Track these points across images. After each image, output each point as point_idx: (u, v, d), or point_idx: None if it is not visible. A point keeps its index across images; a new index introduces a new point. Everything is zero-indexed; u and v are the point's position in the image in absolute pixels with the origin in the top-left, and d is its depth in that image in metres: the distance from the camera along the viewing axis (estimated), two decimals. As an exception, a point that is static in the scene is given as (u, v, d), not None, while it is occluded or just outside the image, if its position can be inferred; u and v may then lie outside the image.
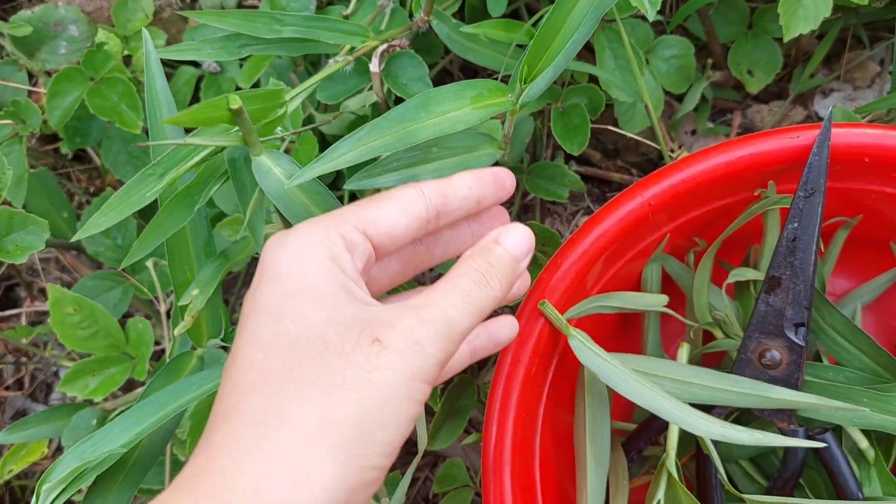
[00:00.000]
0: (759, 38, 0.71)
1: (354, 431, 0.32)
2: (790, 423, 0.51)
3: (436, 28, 0.58)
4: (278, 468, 0.32)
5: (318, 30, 0.57)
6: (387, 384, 0.34)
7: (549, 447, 0.56)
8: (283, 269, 0.36)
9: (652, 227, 0.54)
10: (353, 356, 0.34)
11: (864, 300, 0.60)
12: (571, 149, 0.60)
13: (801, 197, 0.49)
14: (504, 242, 0.42)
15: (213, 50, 0.56)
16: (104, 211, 0.47)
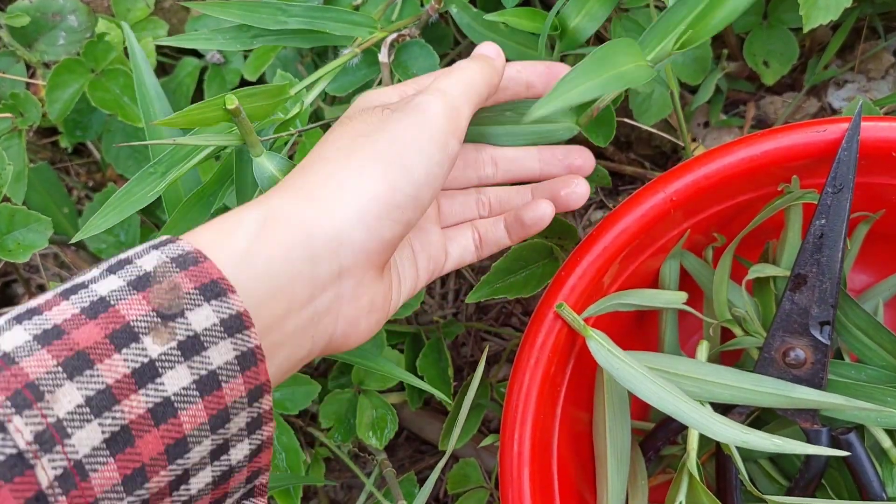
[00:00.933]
0: (774, 28, 0.70)
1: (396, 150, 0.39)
2: (813, 423, 0.50)
3: (456, 17, 0.56)
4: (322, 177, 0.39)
5: (324, 20, 0.56)
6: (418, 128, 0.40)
7: (566, 447, 0.55)
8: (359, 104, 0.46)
9: (673, 223, 0.52)
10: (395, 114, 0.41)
11: (885, 296, 0.59)
12: (598, 141, 0.59)
13: (829, 193, 0.48)
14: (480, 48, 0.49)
15: (225, 40, 0.55)
16: (104, 211, 0.47)
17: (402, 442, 0.76)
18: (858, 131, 0.47)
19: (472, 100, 0.44)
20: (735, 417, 0.52)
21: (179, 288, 0.31)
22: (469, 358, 0.75)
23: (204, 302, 0.31)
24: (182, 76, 0.73)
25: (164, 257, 0.32)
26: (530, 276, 0.61)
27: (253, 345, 0.32)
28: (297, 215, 0.37)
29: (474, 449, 0.71)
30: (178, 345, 0.30)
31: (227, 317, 0.32)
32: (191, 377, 0.30)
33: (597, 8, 0.57)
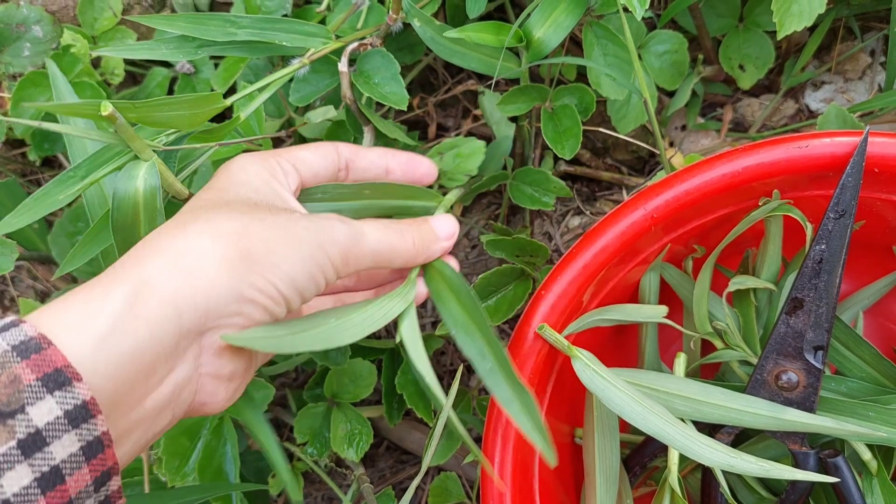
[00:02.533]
0: (750, 31, 0.70)
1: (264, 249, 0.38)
2: (802, 445, 0.50)
3: (418, 31, 0.55)
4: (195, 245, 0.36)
5: (275, 32, 0.55)
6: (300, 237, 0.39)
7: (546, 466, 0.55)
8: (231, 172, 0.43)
9: (653, 238, 0.52)
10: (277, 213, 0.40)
11: (864, 304, 0.59)
12: (563, 153, 0.58)
13: (830, 218, 0.48)
14: (433, 220, 0.49)
15: (168, 50, 0.54)
16: (19, 211, 0.46)
17: (383, 452, 0.75)
18: (863, 157, 0.47)
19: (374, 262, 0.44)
20: (723, 437, 0.52)
21: (20, 381, 0.30)
22: (449, 367, 0.74)
23: (47, 394, 0.30)
24: (151, 87, 0.71)
25: (5, 345, 0.30)
26: (501, 301, 0.61)
27: (99, 432, 0.31)
28: (168, 289, 0.35)
29: (457, 461, 0.70)
30: (18, 443, 0.29)
31: (72, 407, 0.30)
32: (31, 476, 0.29)
33: (563, 17, 0.56)
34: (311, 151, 0.47)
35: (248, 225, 0.38)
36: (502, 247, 0.60)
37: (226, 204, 0.40)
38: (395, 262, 0.45)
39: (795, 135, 0.49)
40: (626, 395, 0.48)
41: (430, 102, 0.71)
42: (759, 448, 0.56)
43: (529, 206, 0.61)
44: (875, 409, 0.50)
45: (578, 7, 0.56)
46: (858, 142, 0.47)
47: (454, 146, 0.59)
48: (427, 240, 0.47)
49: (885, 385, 0.54)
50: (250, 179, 0.43)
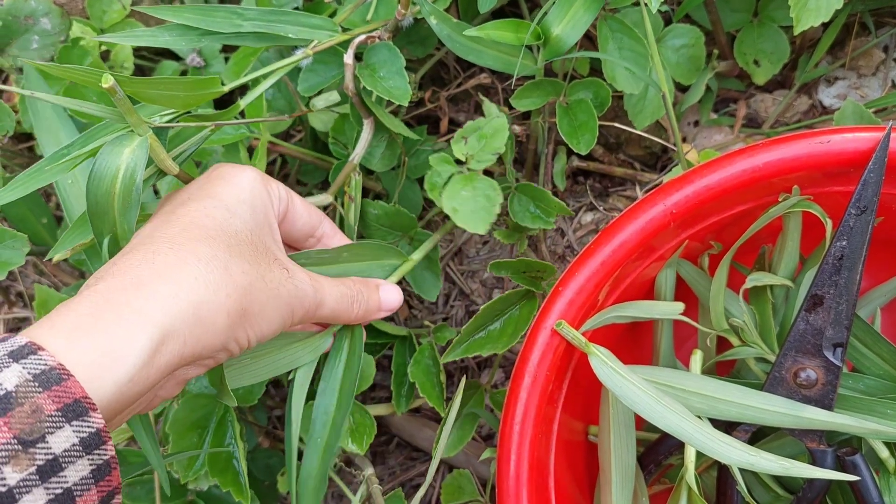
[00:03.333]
0: (765, 26, 0.69)
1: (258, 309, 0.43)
2: (819, 443, 0.50)
3: (435, 29, 0.54)
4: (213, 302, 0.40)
5: (281, 24, 0.55)
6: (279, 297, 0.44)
7: (562, 459, 0.55)
8: (241, 182, 0.46)
9: (671, 234, 0.52)
10: (272, 267, 0.45)
11: (881, 301, 0.59)
12: (578, 147, 0.58)
13: (852, 214, 0.47)
14: (381, 291, 0.55)
15: (171, 38, 0.54)
16: (12, 185, 0.47)
17: (393, 449, 0.75)
18: (886, 153, 0.46)
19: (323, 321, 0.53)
20: (739, 434, 0.51)
21: (41, 411, 0.32)
22: (460, 363, 0.74)
23: (65, 423, 0.32)
24: (161, 80, 0.70)
25: (27, 374, 0.32)
26: (508, 322, 0.60)
27: (108, 457, 0.34)
28: (186, 343, 0.38)
29: (468, 458, 0.70)
30: (37, 469, 0.31)
31: (87, 435, 0.33)
32: (46, 498, 0.31)
33: (581, 13, 0.56)
34: (303, 202, 0.52)
35: (254, 283, 0.42)
36: (507, 267, 0.59)
37: (237, 243, 0.43)
38: (340, 322, 0.53)
39: (816, 130, 0.48)
40: (643, 392, 0.47)
41: (441, 96, 0.71)
42: (776, 446, 0.55)
43: (530, 225, 0.61)
44: (893, 407, 0.50)
45: (596, 3, 0.55)
46: (880, 137, 0.47)
47: (476, 128, 0.58)
48: (371, 311, 0.54)
49: (904, 383, 0.54)
50: (254, 197, 0.47)
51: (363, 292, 0.53)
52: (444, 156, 0.57)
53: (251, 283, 0.42)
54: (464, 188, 0.55)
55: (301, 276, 0.46)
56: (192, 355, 0.39)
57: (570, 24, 0.56)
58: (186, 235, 0.41)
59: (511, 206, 0.62)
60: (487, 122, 0.57)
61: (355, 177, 0.61)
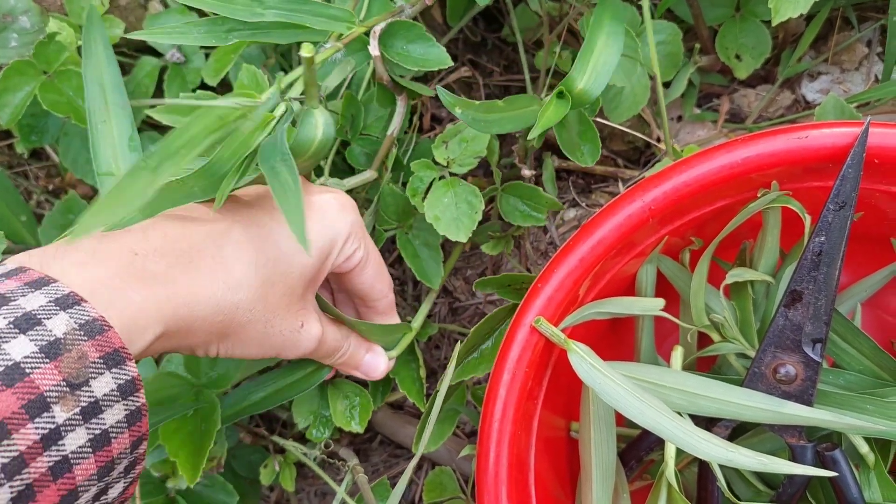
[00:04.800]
0: (746, 20, 0.69)
1: (242, 337, 0.45)
2: (799, 439, 0.50)
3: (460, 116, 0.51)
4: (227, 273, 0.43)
5: (301, 14, 0.53)
6: (271, 342, 0.46)
7: (543, 457, 0.54)
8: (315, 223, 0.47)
9: (651, 230, 0.51)
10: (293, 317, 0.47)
11: (862, 296, 0.59)
12: (583, 160, 0.56)
13: (830, 210, 0.47)
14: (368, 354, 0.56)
15: (200, 34, 0.52)
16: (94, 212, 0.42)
17: (376, 446, 0.75)
18: (864, 148, 0.46)
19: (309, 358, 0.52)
20: (720, 430, 0.51)
21: (86, 357, 0.35)
22: (443, 360, 0.74)
23: (106, 370, 0.35)
24: (141, 76, 0.70)
25: (73, 323, 0.35)
26: (498, 339, 0.60)
27: (140, 403, 0.37)
28: (172, 341, 0.41)
29: (451, 455, 0.70)
30: (81, 410, 0.34)
31: (124, 382, 0.36)
32: (87, 437, 0.34)
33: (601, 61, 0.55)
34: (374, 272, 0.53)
35: (253, 322, 0.44)
36: (491, 284, 0.59)
37: (271, 283, 0.45)
38: (318, 360, 0.53)
39: (795, 125, 0.48)
40: (622, 388, 0.47)
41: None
42: (756, 441, 0.55)
43: (521, 223, 0.60)
44: (873, 402, 0.50)
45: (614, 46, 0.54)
46: (858, 132, 0.47)
47: (457, 132, 0.58)
48: (348, 366, 0.55)
49: (884, 378, 0.54)
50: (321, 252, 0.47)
51: (356, 348, 0.54)
52: (425, 161, 0.56)
53: (249, 322, 0.44)
54: (445, 194, 0.54)
55: (310, 331, 0.48)
56: (162, 350, 0.42)
57: (593, 77, 0.54)
58: (238, 254, 0.43)
59: (501, 206, 0.61)
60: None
61: (393, 150, 0.60)
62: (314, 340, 0.48)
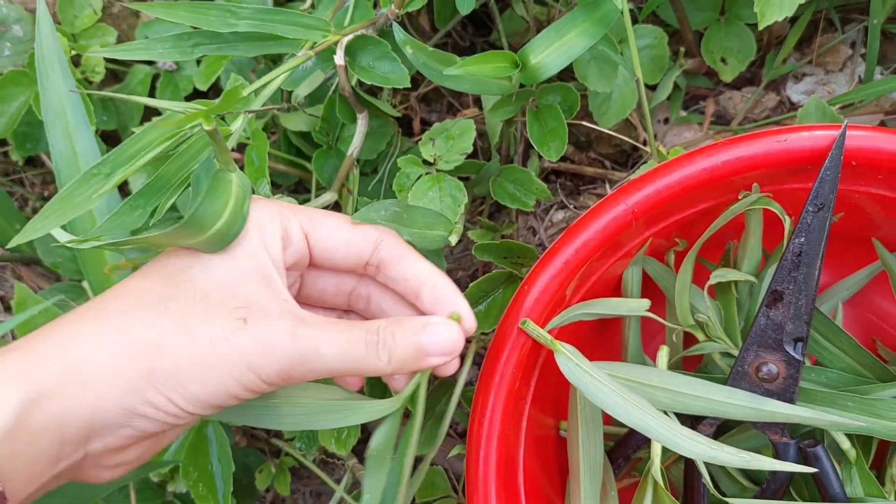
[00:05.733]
0: (731, 24, 0.70)
1: (172, 370, 0.36)
2: (782, 436, 0.51)
3: (411, 58, 0.54)
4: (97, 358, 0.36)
5: (275, 23, 0.54)
6: (223, 355, 0.37)
7: (532, 456, 0.55)
8: None
9: (634, 232, 0.52)
10: (215, 318, 0.38)
11: (844, 296, 0.60)
12: (549, 154, 0.58)
13: (809, 211, 0.48)
14: (425, 333, 0.42)
15: (164, 49, 0.53)
16: (44, 214, 0.43)
17: (370, 447, 0.76)
18: (841, 151, 0.47)
19: (332, 375, 0.40)
20: (705, 428, 0.53)
21: None
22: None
23: None
24: (133, 84, 0.71)
25: None
26: (492, 305, 0.61)
27: None
28: (58, 401, 0.35)
29: (444, 456, 0.71)
30: None
31: None
32: None
33: (565, 49, 0.55)
34: (339, 231, 0.43)
35: (164, 339, 0.37)
36: (490, 250, 0.60)
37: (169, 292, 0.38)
38: (367, 374, 0.41)
39: (774, 129, 0.49)
40: (608, 388, 0.48)
41: (412, 97, 0.72)
42: (741, 438, 0.56)
43: (510, 205, 0.62)
44: (854, 399, 0.51)
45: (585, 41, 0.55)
46: (835, 135, 0.48)
47: (444, 129, 0.59)
48: (408, 362, 0.41)
49: (865, 375, 0.55)
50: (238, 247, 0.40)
51: (394, 333, 0.41)
52: (412, 157, 0.57)
53: (159, 340, 0.37)
54: (430, 189, 0.55)
55: (270, 326, 0.38)
56: (80, 419, 0.35)
57: (549, 57, 0.55)
58: (119, 289, 0.39)
59: (494, 189, 0.63)
60: (455, 123, 0.58)
61: (354, 171, 0.61)
62: (288, 338, 0.38)
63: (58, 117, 0.51)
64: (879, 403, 0.51)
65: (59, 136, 0.51)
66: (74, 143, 0.52)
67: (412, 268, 0.44)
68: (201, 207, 0.40)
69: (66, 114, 0.52)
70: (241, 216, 0.41)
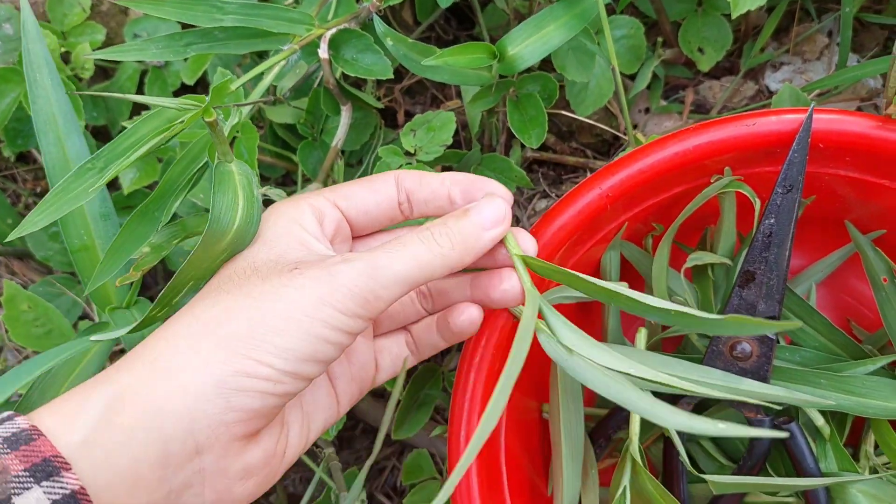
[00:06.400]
0: (708, 14, 0.71)
1: (248, 328, 0.35)
2: (757, 413, 0.52)
3: (392, 50, 0.55)
4: (172, 345, 0.36)
5: (261, 18, 0.55)
6: (291, 299, 0.36)
7: (515, 438, 0.57)
8: (262, 227, 0.42)
9: (610, 216, 0.54)
10: (270, 278, 0.37)
11: (818, 277, 0.61)
12: (529, 142, 0.59)
13: (779, 193, 0.49)
14: (472, 210, 0.42)
15: (158, 50, 0.54)
16: (41, 208, 0.45)
17: (359, 434, 0.77)
18: (810, 133, 0.49)
19: (408, 285, 0.39)
20: (682, 406, 0.54)
21: (7, 471, 0.30)
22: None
23: (34, 484, 0.30)
24: (122, 80, 0.72)
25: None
26: None
27: None
28: (145, 395, 0.34)
29: (432, 440, 0.72)
30: None
31: (60, 497, 0.31)
32: None
33: (542, 42, 0.57)
34: (361, 186, 0.44)
35: (230, 307, 0.36)
36: None
37: (224, 281, 0.39)
38: (437, 274, 0.40)
39: (744, 113, 0.51)
40: (588, 363, 0.49)
41: (396, 90, 0.73)
42: (717, 417, 0.57)
43: None
44: (826, 377, 0.52)
45: (563, 34, 0.57)
46: (802, 119, 0.49)
47: (425, 121, 0.60)
48: (469, 238, 0.41)
49: (838, 354, 0.56)
50: (267, 235, 0.41)
51: (444, 222, 0.41)
52: (393, 147, 0.59)
53: (226, 309, 0.36)
54: (409, 179, 0.57)
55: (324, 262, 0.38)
56: (175, 411, 0.34)
57: (527, 48, 0.56)
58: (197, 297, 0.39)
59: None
60: (436, 115, 0.59)
61: (338, 162, 0.63)
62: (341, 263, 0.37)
63: (48, 122, 0.52)
64: (851, 380, 0.52)
65: (51, 141, 0.52)
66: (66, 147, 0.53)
67: (434, 181, 0.44)
68: (215, 208, 0.41)
69: (57, 119, 0.52)
70: (252, 200, 0.43)
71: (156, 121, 0.47)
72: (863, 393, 0.52)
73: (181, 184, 0.49)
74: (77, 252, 0.53)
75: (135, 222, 0.48)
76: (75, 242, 0.53)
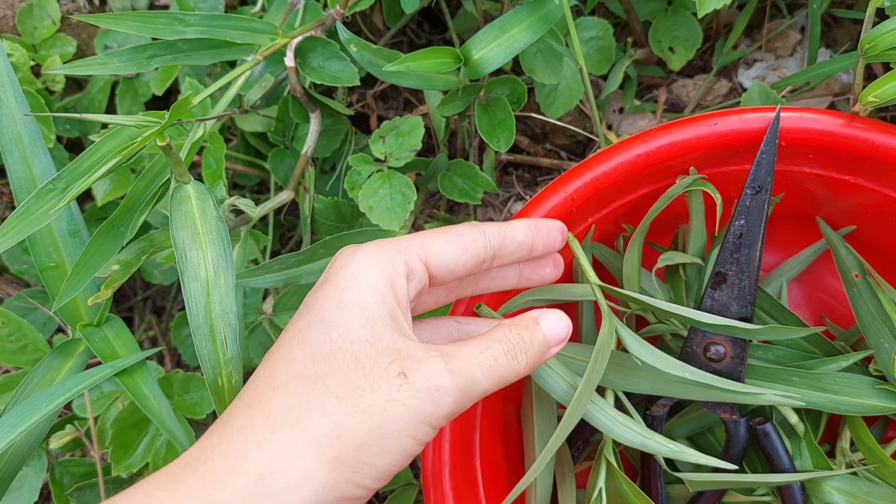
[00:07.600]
0: (678, 13, 0.71)
1: (356, 452, 0.35)
2: (732, 414, 0.52)
3: (356, 56, 0.55)
4: (282, 464, 0.34)
5: (223, 29, 0.55)
6: (399, 418, 0.36)
7: (492, 441, 0.57)
8: (345, 279, 0.39)
9: (577, 219, 0.54)
10: (377, 382, 0.36)
11: (790, 274, 0.61)
12: (498, 146, 0.59)
13: (748, 194, 0.49)
14: (543, 325, 0.43)
15: (121, 63, 0.54)
16: (4, 230, 0.45)
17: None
18: (777, 133, 0.49)
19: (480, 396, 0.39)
20: (658, 408, 0.54)
21: None
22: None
23: None
24: (94, 92, 0.72)
25: None
26: None
27: None
28: None
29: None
30: None
31: None
32: None
33: (506, 45, 0.56)
34: (451, 244, 0.43)
35: (340, 423, 0.35)
36: None
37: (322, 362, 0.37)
38: (507, 383, 0.41)
39: (707, 113, 0.51)
40: (554, 372, 0.49)
41: (369, 95, 0.73)
42: (693, 417, 0.58)
43: (458, 199, 0.63)
44: (799, 374, 0.52)
45: (525, 38, 0.56)
46: (767, 117, 0.49)
47: (394, 126, 0.60)
48: (540, 355, 0.42)
49: (811, 351, 0.56)
50: (362, 298, 0.39)
51: (522, 336, 0.42)
52: (363, 155, 0.59)
53: (336, 426, 0.35)
54: (381, 187, 0.57)
55: (427, 371, 0.37)
56: None
57: (492, 52, 0.56)
58: (269, 382, 0.37)
59: (442, 184, 0.64)
60: (404, 120, 0.59)
61: (309, 169, 0.62)
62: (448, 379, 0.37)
63: (13, 141, 0.52)
64: (823, 377, 0.52)
65: (16, 159, 0.52)
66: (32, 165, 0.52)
67: (518, 234, 0.45)
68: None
69: (22, 137, 0.52)
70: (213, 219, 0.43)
71: (118, 138, 0.47)
72: (835, 390, 0.52)
73: (147, 198, 0.49)
74: (45, 271, 0.53)
75: (100, 238, 0.48)
76: (44, 260, 0.53)
